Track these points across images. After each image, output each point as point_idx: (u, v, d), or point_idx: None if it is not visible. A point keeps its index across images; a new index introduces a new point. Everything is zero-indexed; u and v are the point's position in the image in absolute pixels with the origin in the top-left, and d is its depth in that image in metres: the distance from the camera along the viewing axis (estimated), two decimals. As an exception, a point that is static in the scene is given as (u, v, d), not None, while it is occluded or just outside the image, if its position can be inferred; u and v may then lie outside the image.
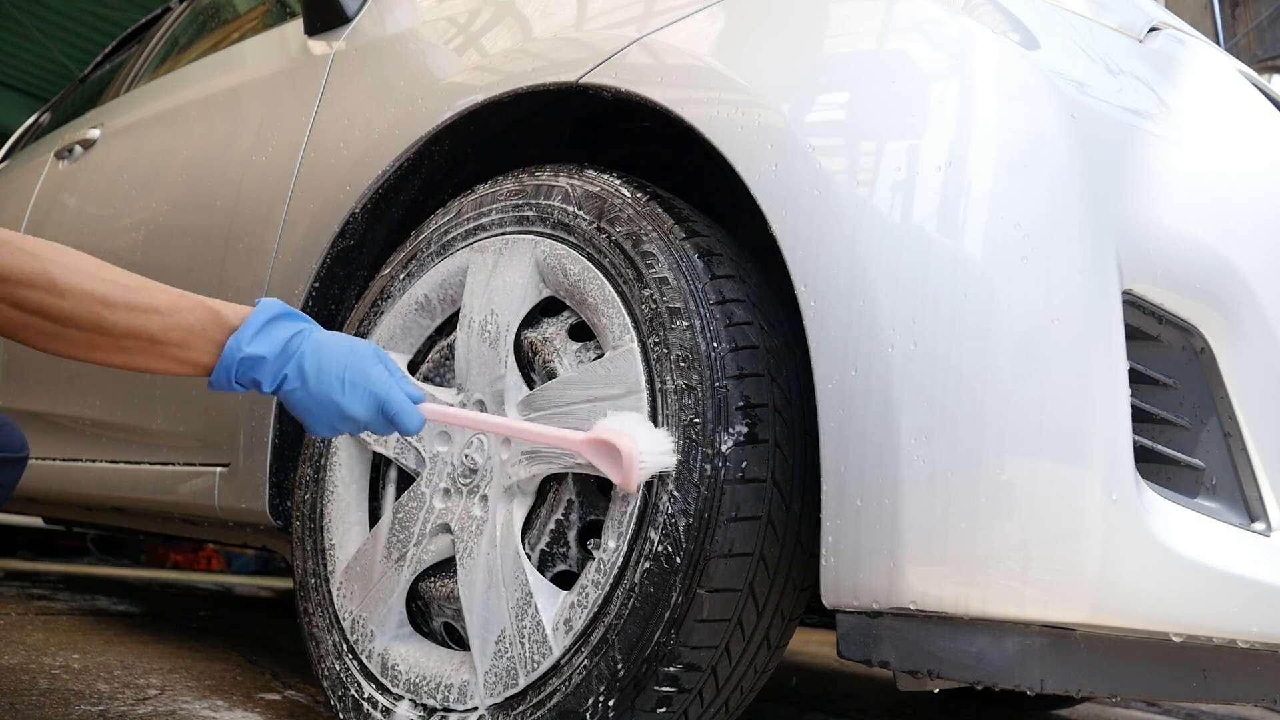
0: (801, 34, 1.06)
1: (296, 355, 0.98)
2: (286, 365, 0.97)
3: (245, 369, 0.96)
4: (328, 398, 0.97)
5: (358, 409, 0.98)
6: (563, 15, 1.32)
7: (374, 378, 0.99)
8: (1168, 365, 1.02)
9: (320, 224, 1.51)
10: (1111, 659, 0.91)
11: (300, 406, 0.99)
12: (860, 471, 0.89)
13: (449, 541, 1.18)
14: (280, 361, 0.97)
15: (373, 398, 0.99)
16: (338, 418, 0.99)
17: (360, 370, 0.98)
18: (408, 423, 1.00)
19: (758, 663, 1.04)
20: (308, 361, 0.97)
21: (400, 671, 1.18)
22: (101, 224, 2.18)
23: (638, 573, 0.99)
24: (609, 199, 1.14)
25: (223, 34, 2.46)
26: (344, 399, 0.98)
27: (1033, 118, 0.95)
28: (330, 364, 0.98)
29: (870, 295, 0.91)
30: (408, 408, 1.00)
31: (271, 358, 0.97)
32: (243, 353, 0.96)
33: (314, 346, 0.98)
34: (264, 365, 0.97)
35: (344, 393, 0.98)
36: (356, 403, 0.98)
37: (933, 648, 0.88)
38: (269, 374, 0.97)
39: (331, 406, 0.98)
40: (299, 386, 0.97)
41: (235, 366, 0.96)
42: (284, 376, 0.97)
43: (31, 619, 2.13)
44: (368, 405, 0.99)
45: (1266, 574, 0.98)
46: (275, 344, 0.97)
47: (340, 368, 0.98)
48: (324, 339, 0.99)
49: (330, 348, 0.99)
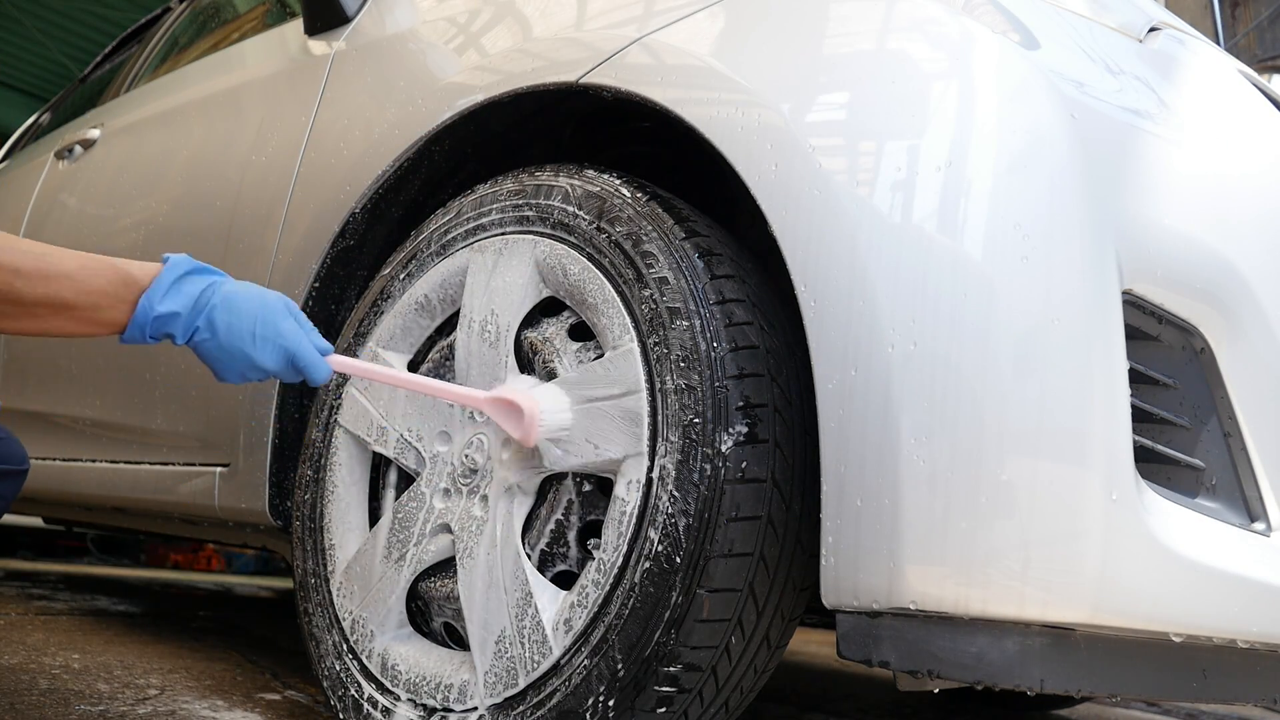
0: (801, 34, 1.06)
1: (207, 308, 1.02)
2: (198, 318, 1.01)
3: (159, 325, 1.00)
4: (238, 349, 1.02)
5: (268, 360, 1.03)
6: (563, 15, 1.32)
7: (284, 331, 1.03)
8: (1168, 365, 1.02)
9: (320, 224, 1.51)
10: (1111, 659, 0.91)
11: (210, 356, 1.03)
12: (860, 471, 0.89)
13: (449, 541, 1.18)
14: (192, 315, 1.01)
15: (282, 350, 1.03)
16: (248, 367, 1.03)
17: (271, 324, 1.03)
18: (315, 374, 1.05)
19: (758, 663, 1.04)
20: (219, 314, 1.01)
21: (400, 671, 1.18)
22: (101, 224, 2.18)
23: (638, 573, 0.99)
24: (609, 199, 1.14)
25: (223, 34, 2.46)
26: (254, 350, 1.02)
27: (1033, 118, 0.95)
28: (241, 317, 1.02)
29: (870, 295, 0.91)
30: (316, 359, 1.05)
31: (185, 313, 1.00)
32: (155, 311, 0.99)
33: (225, 299, 1.02)
34: (177, 320, 1.00)
35: (254, 345, 1.02)
36: (267, 355, 1.03)
37: (933, 648, 0.88)
38: (181, 327, 1.01)
39: (242, 357, 1.02)
40: (210, 338, 1.02)
41: (149, 324, 1.00)
42: (195, 328, 1.01)
43: (31, 619, 2.13)
44: (277, 357, 1.03)
45: (1266, 574, 0.98)
46: (187, 299, 1.01)
47: (251, 321, 1.02)
48: (235, 290, 1.03)
49: (241, 300, 1.03)
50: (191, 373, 1.74)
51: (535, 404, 1.05)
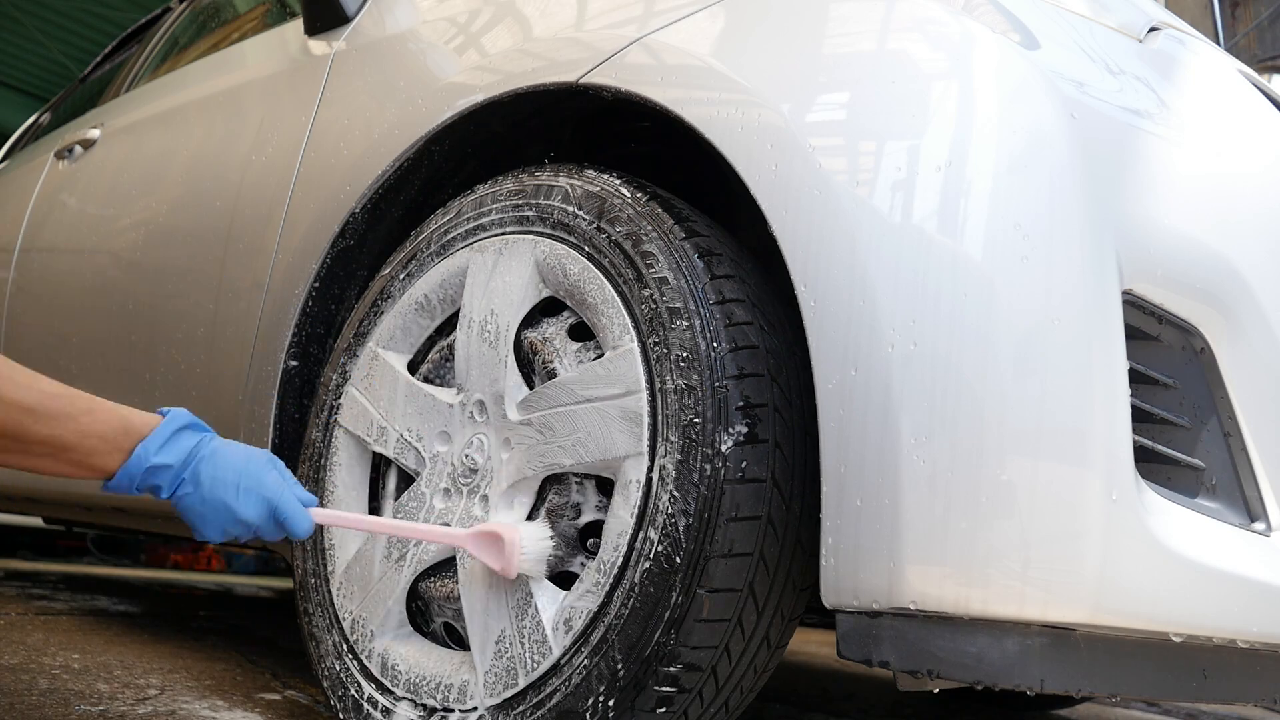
0: (801, 34, 1.06)
1: (195, 461, 1.02)
2: (185, 471, 1.02)
3: (149, 476, 1.00)
4: (221, 501, 1.02)
5: (250, 512, 1.03)
6: (563, 15, 1.32)
7: (268, 483, 1.04)
8: (1168, 365, 1.02)
9: (320, 224, 1.51)
10: (1111, 659, 0.91)
11: (192, 511, 1.02)
12: (860, 471, 0.89)
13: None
14: (180, 469, 1.01)
15: (265, 502, 1.03)
16: (230, 521, 1.03)
17: (255, 476, 1.03)
18: (298, 526, 1.05)
19: (758, 663, 1.04)
20: (204, 467, 1.02)
21: (400, 672, 1.18)
22: (101, 224, 2.18)
23: (638, 573, 0.99)
24: (609, 199, 1.14)
25: (223, 34, 2.46)
26: (237, 502, 1.02)
27: (1033, 118, 0.95)
28: (225, 470, 1.02)
29: (870, 295, 0.91)
30: (299, 511, 1.05)
31: (175, 465, 1.01)
32: (150, 461, 0.99)
33: (211, 453, 1.03)
34: (167, 473, 1.01)
35: (237, 497, 1.02)
36: (249, 506, 1.03)
37: (933, 648, 0.88)
38: (169, 480, 1.01)
39: (224, 510, 1.02)
40: (192, 492, 1.02)
41: (140, 474, 1.00)
42: (181, 481, 1.01)
43: (31, 619, 2.13)
44: (260, 509, 1.03)
45: (1266, 574, 0.98)
46: (180, 453, 1.01)
47: (235, 474, 1.03)
48: (221, 446, 1.04)
49: (227, 454, 1.04)
50: (191, 372, 1.74)
51: (516, 533, 1.06)
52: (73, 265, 2.22)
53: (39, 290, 2.34)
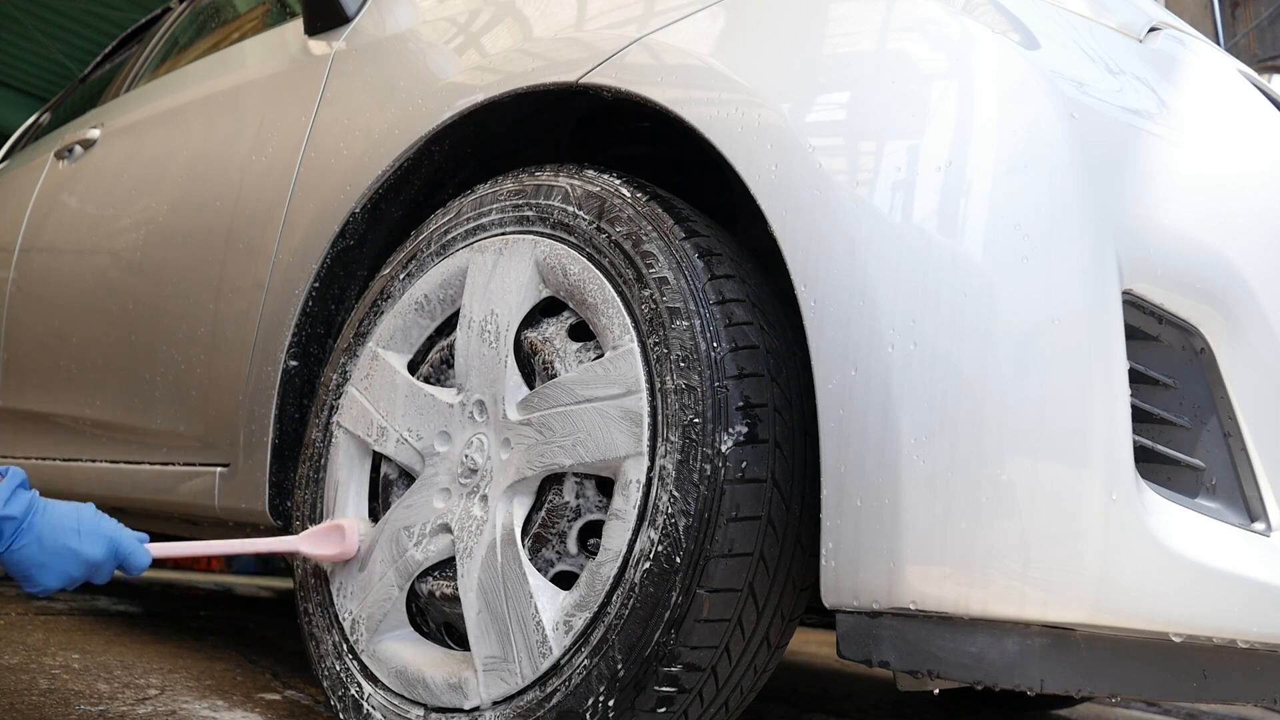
0: (801, 34, 1.06)
1: (31, 514, 1.08)
2: (24, 522, 1.07)
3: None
4: (64, 546, 1.08)
5: (94, 551, 1.10)
6: (563, 15, 1.32)
7: (104, 525, 1.12)
8: (1168, 365, 1.02)
9: (320, 224, 1.51)
10: (1111, 659, 0.91)
11: (31, 561, 1.07)
12: (860, 471, 0.89)
13: (449, 541, 1.18)
14: (21, 520, 1.07)
15: (106, 540, 1.11)
16: (73, 563, 1.09)
17: (91, 520, 1.11)
18: (138, 560, 1.13)
19: (758, 663, 1.04)
20: (39, 519, 1.08)
21: (400, 671, 1.18)
22: (101, 224, 2.18)
23: (638, 573, 0.99)
24: (609, 199, 1.14)
25: (223, 34, 2.46)
26: (79, 544, 1.09)
27: (1033, 118, 0.95)
28: (63, 519, 1.10)
29: (870, 295, 0.91)
30: (137, 547, 1.14)
31: (19, 517, 1.06)
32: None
33: (44, 506, 1.09)
34: (10, 524, 1.06)
35: (79, 539, 1.09)
36: (92, 546, 1.10)
37: (933, 648, 0.88)
38: (9, 532, 1.06)
39: (67, 554, 1.08)
40: (30, 542, 1.07)
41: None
42: (20, 532, 1.07)
43: (31, 619, 2.13)
44: (103, 548, 1.11)
45: (1266, 574, 0.98)
46: (21, 506, 1.07)
47: (74, 520, 1.10)
48: (51, 504, 1.11)
49: (58, 507, 1.11)
50: (191, 373, 1.74)
51: (354, 521, 1.19)
52: (73, 265, 2.22)
53: (39, 290, 2.34)
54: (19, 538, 1.07)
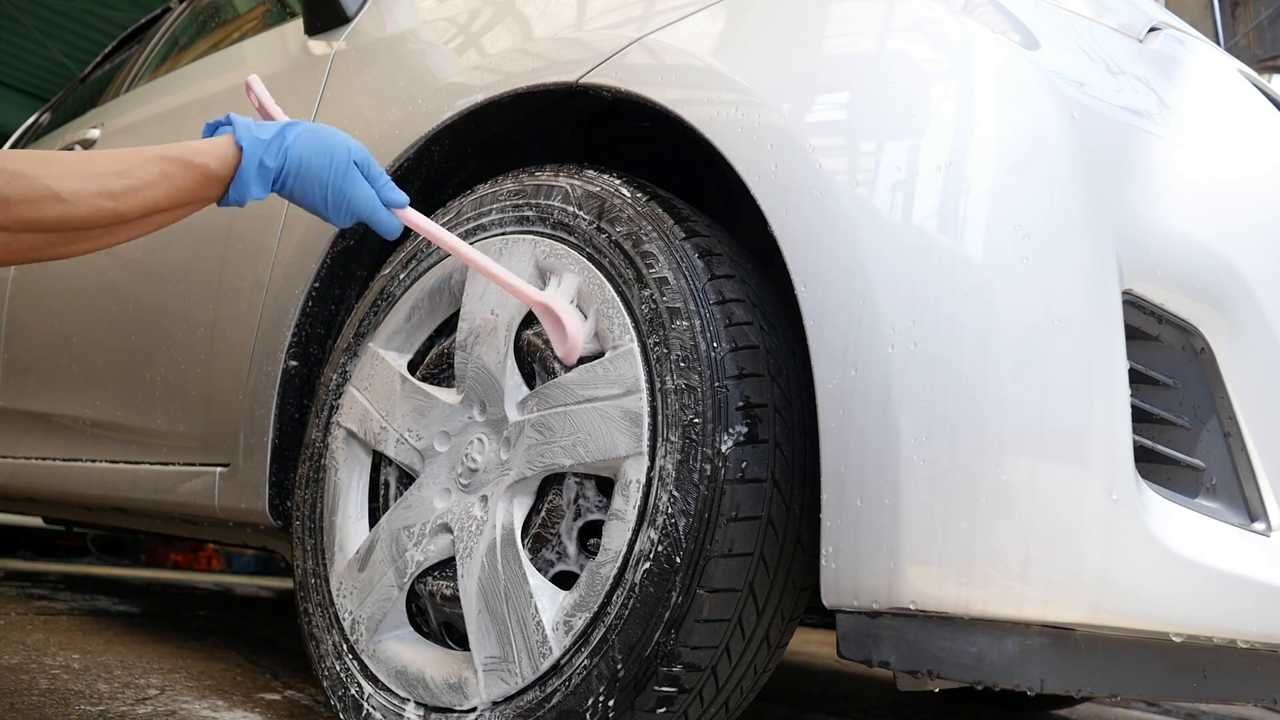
0: (801, 34, 1.06)
1: (283, 175, 1.05)
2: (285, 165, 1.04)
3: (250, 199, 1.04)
4: (313, 208, 1.08)
5: (343, 221, 1.09)
6: (563, 15, 1.32)
7: (354, 195, 1.08)
8: (1168, 365, 1.02)
9: (320, 224, 1.51)
10: (1111, 659, 0.91)
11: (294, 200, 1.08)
12: (860, 471, 0.89)
13: (449, 541, 1.18)
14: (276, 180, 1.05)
15: (354, 216, 1.09)
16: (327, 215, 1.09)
17: (340, 190, 1.07)
18: (385, 228, 1.11)
19: (758, 663, 1.04)
20: (292, 183, 1.06)
21: (400, 671, 1.18)
22: (101, 224, 2.17)
23: (638, 573, 0.99)
24: (609, 199, 1.14)
25: (223, 34, 2.46)
26: (329, 213, 1.08)
27: (1033, 118, 0.95)
28: (311, 183, 1.06)
29: (870, 296, 0.91)
30: (385, 217, 1.11)
31: (269, 187, 1.05)
32: (249, 197, 1.03)
33: (297, 164, 1.05)
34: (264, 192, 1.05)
35: (328, 209, 1.08)
36: (341, 217, 1.09)
37: (933, 648, 0.88)
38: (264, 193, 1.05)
39: (318, 212, 1.09)
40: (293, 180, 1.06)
41: (243, 202, 1.04)
42: (283, 177, 1.05)
43: (31, 619, 2.13)
44: (350, 219, 1.09)
45: (1266, 574, 0.98)
46: (266, 175, 1.04)
47: (322, 189, 1.07)
48: (304, 151, 1.06)
49: (312, 161, 1.06)
50: (191, 373, 1.74)
51: (578, 328, 1.10)
52: (73, 265, 2.22)
53: (39, 290, 2.34)
54: (285, 182, 1.05)
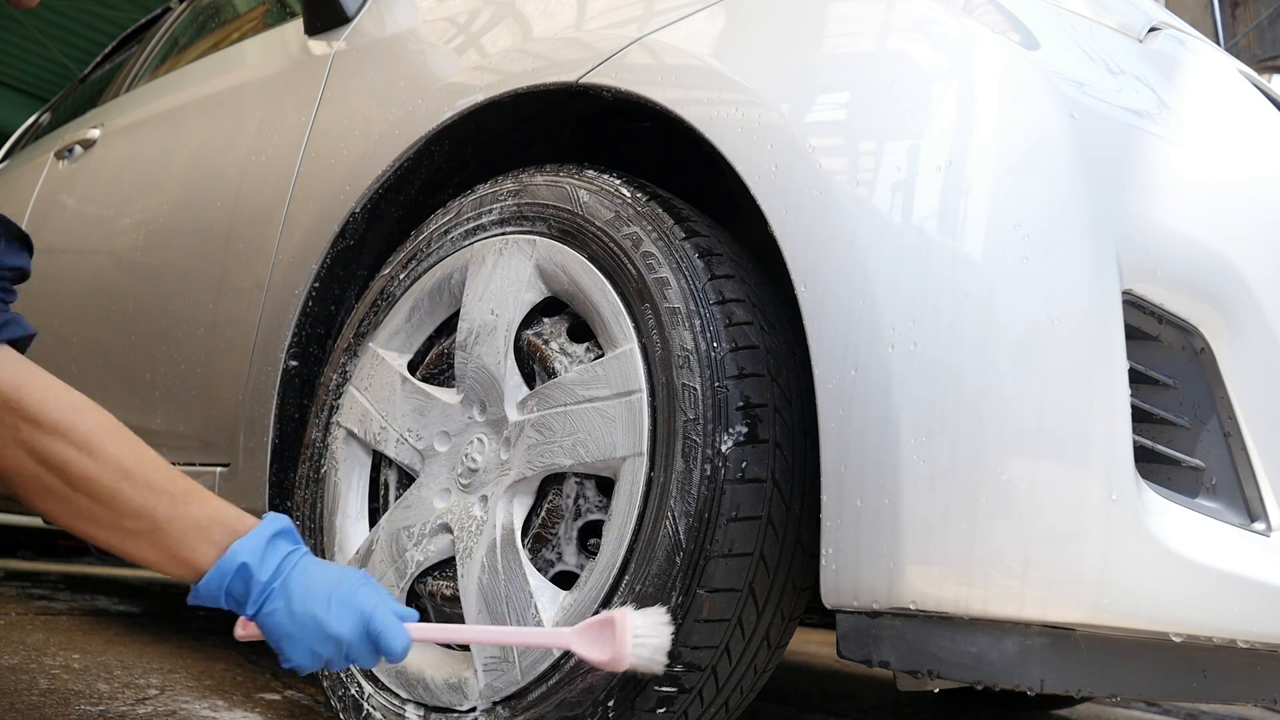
0: (801, 34, 1.06)
1: (285, 574, 0.94)
2: (275, 582, 0.93)
3: (240, 579, 0.92)
4: (311, 616, 0.92)
5: (342, 627, 0.93)
6: (563, 15, 1.32)
7: (361, 596, 0.94)
8: (1168, 365, 1.02)
9: (320, 224, 1.51)
10: (1111, 659, 0.91)
11: (280, 630, 0.93)
12: (860, 471, 0.89)
13: (449, 541, 1.18)
14: (271, 578, 0.93)
15: (359, 615, 0.93)
16: (319, 638, 0.93)
17: (348, 589, 0.94)
18: (394, 643, 0.93)
19: (758, 663, 1.04)
20: (294, 580, 0.93)
21: (400, 671, 1.18)
22: (101, 224, 2.18)
23: (638, 573, 0.99)
24: (609, 199, 1.14)
25: (223, 34, 2.46)
26: (328, 616, 0.92)
27: (1033, 118, 0.95)
28: (318, 583, 0.94)
29: (870, 295, 0.91)
30: (394, 625, 0.94)
31: (270, 573, 0.93)
32: (241, 559, 0.91)
33: (303, 567, 0.95)
34: (257, 583, 0.92)
35: (329, 610, 0.93)
36: (342, 621, 0.93)
37: (933, 648, 0.88)
38: (258, 590, 0.92)
39: (314, 626, 0.92)
40: (281, 607, 0.92)
41: (232, 574, 0.91)
42: (269, 593, 0.93)
43: (31, 619, 2.13)
44: (353, 624, 0.93)
45: (1266, 574, 0.98)
46: (275, 558, 0.93)
47: (328, 586, 0.94)
48: (312, 561, 0.96)
49: (319, 568, 0.95)
50: (191, 373, 1.74)
51: (628, 619, 0.93)
52: (73, 265, 2.22)
53: (39, 290, 2.34)
54: (271, 598, 0.92)
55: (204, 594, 0.93)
